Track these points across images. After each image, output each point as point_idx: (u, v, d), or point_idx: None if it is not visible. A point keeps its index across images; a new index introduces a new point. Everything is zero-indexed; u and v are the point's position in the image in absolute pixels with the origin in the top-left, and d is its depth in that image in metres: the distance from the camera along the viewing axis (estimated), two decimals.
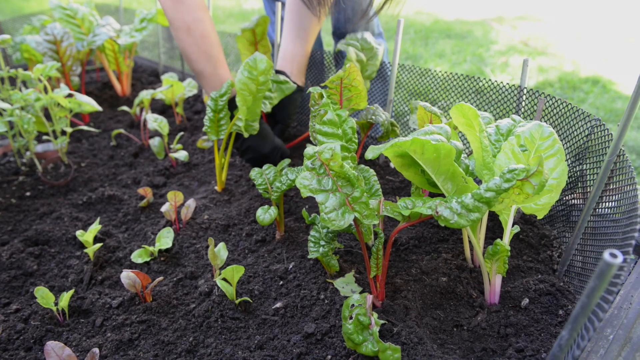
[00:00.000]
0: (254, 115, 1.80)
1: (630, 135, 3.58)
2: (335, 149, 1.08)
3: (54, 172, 2.27)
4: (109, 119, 2.88)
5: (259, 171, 1.67)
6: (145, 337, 1.34)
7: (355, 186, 1.12)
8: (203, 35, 1.84)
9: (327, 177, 1.10)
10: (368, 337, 1.09)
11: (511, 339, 1.24)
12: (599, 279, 0.70)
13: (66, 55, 2.74)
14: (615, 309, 1.29)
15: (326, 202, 1.11)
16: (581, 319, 0.77)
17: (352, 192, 1.11)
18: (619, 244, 1.07)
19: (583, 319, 0.77)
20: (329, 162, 1.08)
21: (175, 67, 3.55)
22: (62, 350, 1.21)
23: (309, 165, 1.10)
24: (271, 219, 1.53)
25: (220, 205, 1.95)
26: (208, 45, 1.85)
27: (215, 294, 1.43)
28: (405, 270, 1.46)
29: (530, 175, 0.99)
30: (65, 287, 1.57)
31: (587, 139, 1.37)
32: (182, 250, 1.69)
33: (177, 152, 2.21)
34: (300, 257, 1.56)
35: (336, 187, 1.10)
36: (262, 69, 1.66)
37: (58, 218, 1.93)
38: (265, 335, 1.30)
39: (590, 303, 0.74)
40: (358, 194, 1.11)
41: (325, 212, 1.11)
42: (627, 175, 1.17)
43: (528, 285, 1.35)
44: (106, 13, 4.06)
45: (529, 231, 1.60)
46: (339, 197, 1.11)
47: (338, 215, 1.11)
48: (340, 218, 1.11)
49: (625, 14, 6.97)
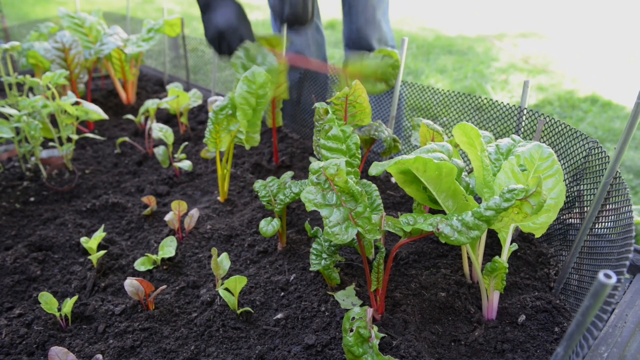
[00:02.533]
0: (255, 127, 1.83)
1: (627, 155, 3.63)
2: (341, 164, 1.11)
3: (58, 178, 2.30)
4: (113, 126, 2.92)
5: (263, 183, 1.70)
6: (147, 345, 1.36)
7: (359, 201, 1.15)
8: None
9: (331, 192, 1.13)
10: (368, 350, 1.11)
11: (508, 355, 1.26)
12: (593, 298, 0.72)
13: (74, 63, 2.78)
14: (610, 327, 1.32)
15: (330, 216, 1.14)
16: (576, 336, 0.80)
17: (356, 207, 1.14)
18: (614, 263, 1.10)
19: (578, 336, 0.79)
20: (333, 178, 1.11)
21: (181, 77, 3.59)
22: (66, 355, 1.23)
23: (314, 180, 1.13)
24: (274, 230, 1.56)
25: (222, 215, 1.97)
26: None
27: (217, 304, 1.45)
28: (405, 285, 1.48)
29: (529, 196, 1.02)
30: (68, 293, 1.59)
31: (585, 160, 1.41)
32: (185, 260, 1.71)
33: (181, 162, 2.24)
34: (302, 269, 1.58)
35: (340, 202, 1.13)
36: (260, 83, 1.70)
37: (62, 224, 1.95)
38: (266, 346, 1.32)
39: (585, 321, 0.76)
40: (361, 209, 1.14)
41: (329, 226, 1.14)
42: (623, 197, 1.20)
43: (525, 302, 1.38)
44: (113, 21, 4.11)
45: (526, 249, 1.62)
46: (343, 211, 1.13)
47: (342, 230, 1.14)
48: (344, 232, 1.14)
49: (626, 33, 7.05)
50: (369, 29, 2.67)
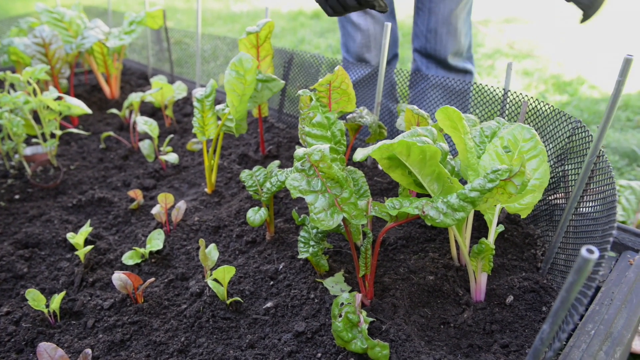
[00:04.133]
0: (244, 114, 1.82)
1: (613, 137, 3.65)
2: (324, 150, 1.10)
3: (43, 174, 2.27)
4: (98, 121, 2.89)
5: (249, 173, 1.69)
6: (137, 338, 1.35)
7: (344, 187, 1.15)
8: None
9: (316, 178, 1.13)
10: (357, 335, 1.11)
11: (496, 335, 1.27)
12: (577, 274, 0.73)
13: (55, 58, 2.74)
14: (597, 305, 1.33)
15: (315, 202, 1.13)
16: (561, 313, 0.80)
17: (341, 193, 1.14)
18: (599, 241, 1.11)
19: (563, 312, 0.80)
20: (318, 164, 1.11)
21: (165, 70, 3.56)
22: (55, 351, 1.22)
23: (299, 166, 1.12)
24: (261, 220, 1.55)
25: (210, 207, 1.96)
26: None
27: (206, 295, 1.45)
28: (394, 270, 1.48)
29: (513, 176, 1.03)
30: (56, 289, 1.58)
31: (569, 140, 1.41)
32: (173, 252, 1.71)
33: (167, 155, 2.23)
34: (290, 257, 1.58)
35: (325, 188, 1.13)
36: (248, 68, 1.69)
37: (48, 221, 1.93)
38: (257, 335, 1.32)
39: (569, 297, 0.77)
40: (347, 195, 1.14)
41: (314, 213, 1.14)
42: (606, 175, 1.21)
43: (513, 283, 1.39)
44: (94, 16, 4.06)
45: (513, 230, 1.63)
46: (328, 197, 1.13)
47: (327, 216, 1.14)
48: (329, 218, 1.14)
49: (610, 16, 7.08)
50: (445, 34, 2.42)
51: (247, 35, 1.90)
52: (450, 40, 2.48)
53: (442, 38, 2.47)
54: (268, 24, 1.91)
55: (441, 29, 2.45)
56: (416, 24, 2.57)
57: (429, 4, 2.44)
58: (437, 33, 2.47)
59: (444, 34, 2.46)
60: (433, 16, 2.45)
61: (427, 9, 2.46)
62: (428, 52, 2.56)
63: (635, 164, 3.30)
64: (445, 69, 2.58)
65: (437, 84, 2.14)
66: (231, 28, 7.46)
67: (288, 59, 2.54)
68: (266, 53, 2.01)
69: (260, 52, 1.99)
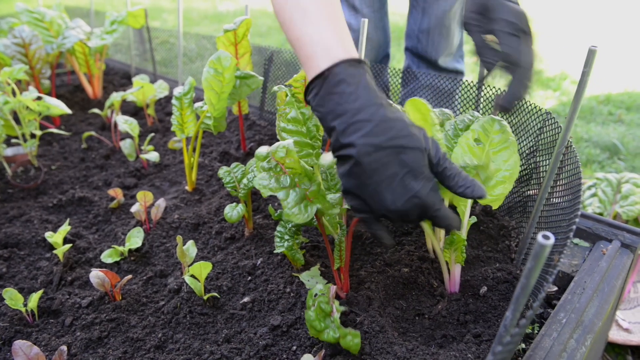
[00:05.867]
0: (223, 112, 1.83)
1: (594, 130, 3.70)
2: (289, 146, 1.11)
3: (23, 175, 2.26)
4: (80, 121, 2.88)
5: (227, 170, 1.70)
6: (115, 335, 1.36)
7: (313, 180, 1.16)
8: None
9: (284, 174, 1.13)
10: (330, 325, 1.13)
11: (470, 325, 1.29)
12: (534, 259, 0.74)
13: (35, 58, 2.73)
14: (569, 294, 1.35)
15: (288, 198, 1.14)
16: (522, 299, 0.82)
17: (310, 187, 1.15)
18: (565, 230, 1.13)
19: (524, 299, 0.82)
20: (284, 160, 1.12)
21: (147, 69, 3.55)
22: (30, 349, 1.23)
23: (265, 165, 1.13)
24: (239, 216, 1.56)
25: (190, 204, 1.97)
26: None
27: (184, 291, 1.46)
28: (370, 263, 1.50)
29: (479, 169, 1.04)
30: (34, 288, 1.58)
31: (540, 132, 1.44)
32: (153, 250, 1.71)
33: (148, 154, 2.23)
34: (269, 252, 1.59)
35: (294, 183, 1.14)
36: (227, 66, 1.69)
37: (28, 221, 1.93)
38: (233, 329, 1.33)
39: (528, 283, 0.79)
40: (315, 188, 1.15)
41: (288, 208, 1.14)
42: (574, 165, 1.23)
43: (487, 274, 1.40)
44: (77, 16, 4.04)
45: (489, 223, 1.65)
46: (299, 192, 1.14)
47: (301, 209, 1.15)
48: (303, 211, 1.15)
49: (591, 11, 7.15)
50: (438, 35, 2.35)
51: (224, 33, 1.91)
52: (442, 41, 2.45)
53: (434, 39, 2.44)
54: (245, 21, 1.91)
55: (434, 31, 2.42)
56: (409, 23, 2.53)
57: (423, 4, 2.40)
58: (430, 34, 2.43)
59: (436, 35, 2.42)
60: (426, 17, 2.41)
61: (421, 8, 2.42)
62: (419, 53, 2.53)
63: (616, 157, 3.34)
64: (435, 69, 2.57)
65: (426, 84, 2.13)
66: (217, 27, 7.45)
67: (268, 57, 2.55)
68: (245, 50, 2.01)
69: (239, 49, 1.99)
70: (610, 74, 4.89)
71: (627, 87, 4.54)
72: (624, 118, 3.91)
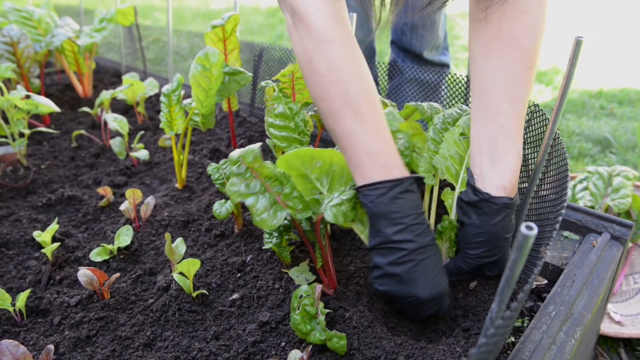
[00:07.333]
0: (211, 108, 1.82)
1: (586, 124, 3.70)
2: (255, 150, 1.10)
3: (13, 174, 2.25)
4: (70, 120, 2.86)
5: (216, 166, 1.69)
6: (104, 334, 1.35)
7: (284, 183, 1.14)
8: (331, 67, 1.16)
9: (254, 179, 1.12)
10: (316, 327, 1.12)
11: (459, 320, 1.28)
12: (518, 250, 0.74)
13: (24, 57, 2.71)
14: (559, 287, 1.35)
15: (257, 204, 1.12)
16: (507, 291, 0.82)
17: (283, 190, 1.14)
18: (552, 222, 1.12)
19: (508, 290, 0.81)
20: (253, 165, 1.10)
21: (138, 68, 3.54)
22: (17, 348, 1.22)
23: (235, 170, 1.11)
24: (228, 212, 1.55)
25: (180, 202, 1.96)
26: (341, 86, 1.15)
27: (173, 289, 1.45)
28: (360, 258, 1.49)
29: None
30: (23, 287, 1.57)
31: (527, 124, 1.43)
32: (142, 248, 1.70)
33: (138, 152, 2.21)
34: (258, 249, 1.58)
35: (265, 188, 1.12)
36: (214, 62, 1.68)
37: (17, 220, 1.91)
38: (222, 326, 1.32)
39: (513, 275, 0.78)
40: (289, 190, 1.14)
41: (257, 215, 1.13)
42: (561, 157, 1.22)
43: None
44: (68, 15, 4.01)
45: None
46: (269, 197, 1.13)
47: (270, 215, 1.13)
48: (272, 217, 1.13)
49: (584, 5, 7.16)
50: (423, 28, 2.34)
51: (212, 29, 1.90)
52: (427, 34, 2.44)
53: (418, 32, 2.43)
54: (234, 17, 1.90)
55: (418, 23, 2.42)
56: None
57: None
58: (414, 27, 2.44)
59: (420, 28, 2.43)
60: (411, 9, 2.41)
61: None
62: (404, 46, 2.54)
63: (607, 151, 3.35)
64: (421, 62, 2.56)
65: (412, 78, 2.12)
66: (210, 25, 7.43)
67: (259, 54, 2.53)
68: (233, 47, 2.00)
69: (227, 45, 1.98)
70: (602, 68, 4.90)
71: (619, 81, 4.56)
72: (615, 112, 3.92)
